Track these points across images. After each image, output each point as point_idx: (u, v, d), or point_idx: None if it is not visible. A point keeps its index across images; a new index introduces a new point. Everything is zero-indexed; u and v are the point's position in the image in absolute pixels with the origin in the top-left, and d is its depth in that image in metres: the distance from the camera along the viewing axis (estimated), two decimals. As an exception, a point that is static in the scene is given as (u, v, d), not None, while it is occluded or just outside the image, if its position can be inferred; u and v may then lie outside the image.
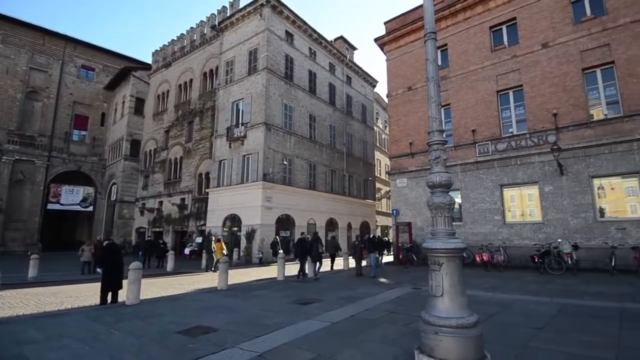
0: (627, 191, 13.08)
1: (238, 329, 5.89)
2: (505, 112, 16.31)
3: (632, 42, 13.13)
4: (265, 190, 20.70)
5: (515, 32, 16.33)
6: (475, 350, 3.59)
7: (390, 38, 20.62)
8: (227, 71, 24.68)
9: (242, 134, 22.20)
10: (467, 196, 16.48)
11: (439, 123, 4.37)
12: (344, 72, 30.62)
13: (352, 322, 6.31)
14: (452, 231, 4.08)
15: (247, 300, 8.61)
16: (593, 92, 14.13)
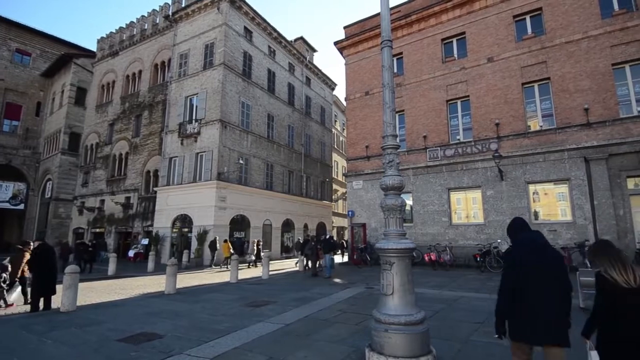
0: (558, 196, 14.48)
1: (186, 334, 5.64)
2: (453, 120, 17.32)
3: (566, 60, 14.59)
4: (219, 190, 20.07)
5: (464, 45, 17.41)
6: (422, 346, 3.76)
7: (349, 43, 21.02)
8: (181, 64, 23.62)
9: (195, 130, 21.34)
10: (418, 199, 17.25)
11: (393, 128, 4.52)
12: (304, 73, 30.67)
13: (305, 322, 6.31)
14: (403, 232, 4.23)
15: (197, 304, 8.27)
16: (531, 105, 15.47)
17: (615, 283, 2.55)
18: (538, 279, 2.79)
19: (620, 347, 2.48)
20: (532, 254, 2.88)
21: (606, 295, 2.60)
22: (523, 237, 3.11)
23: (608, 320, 2.58)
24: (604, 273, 2.65)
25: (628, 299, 2.49)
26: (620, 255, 2.68)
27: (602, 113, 13.63)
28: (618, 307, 2.53)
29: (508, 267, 2.98)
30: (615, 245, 2.84)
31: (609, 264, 2.65)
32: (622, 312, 2.51)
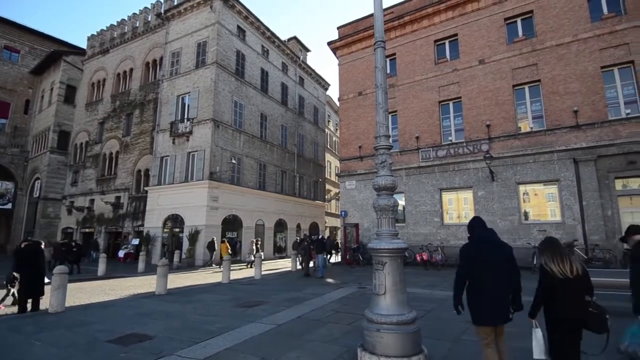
0: (547, 197, 14.68)
1: (177, 335, 5.58)
2: (445, 121, 17.45)
3: (557, 63, 14.80)
4: (211, 190, 19.92)
5: (456, 47, 17.56)
6: (413, 345, 3.77)
7: (343, 43, 21.05)
8: (173, 62, 23.40)
9: (187, 129, 21.16)
10: (410, 199, 17.34)
11: (385, 129, 4.54)
12: (297, 73, 30.62)
13: (298, 323, 6.30)
14: (395, 232, 4.25)
15: (188, 305, 8.20)
16: (521, 106, 15.66)
17: (553, 274, 3.14)
18: (492, 272, 3.27)
19: (558, 325, 3.13)
20: (487, 250, 3.37)
21: (546, 283, 3.19)
22: (479, 235, 3.59)
23: (548, 304, 3.19)
24: (544, 265, 3.23)
25: (563, 286, 3.09)
26: (561, 251, 3.23)
27: (591, 115, 13.86)
28: (555, 293, 3.13)
29: (464, 260, 3.45)
30: (560, 243, 3.37)
31: (550, 257, 3.22)
32: (558, 297, 3.12)
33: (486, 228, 3.67)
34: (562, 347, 3.16)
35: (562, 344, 3.15)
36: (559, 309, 3.11)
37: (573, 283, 3.09)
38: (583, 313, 3.09)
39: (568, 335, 3.12)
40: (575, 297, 3.09)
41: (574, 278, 3.10)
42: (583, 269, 3.15)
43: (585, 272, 3.16)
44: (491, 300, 3.26)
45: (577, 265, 3.13)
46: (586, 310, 3.10)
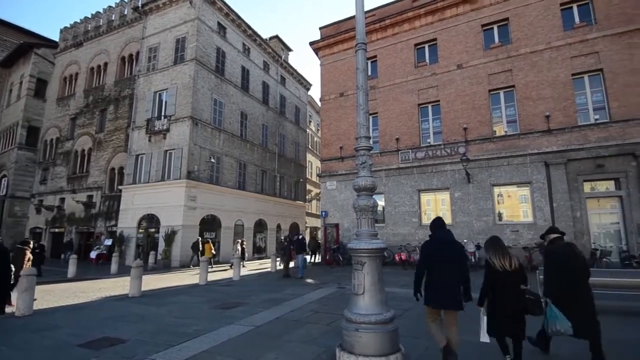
0: (520, 198, 15.21)
1: (151, 338, 5.42)
2: (424, 123, 17.78)
3: (530, 69, 15.35)
4: (189, 189, 19.50)
5: (435, 51, 17.93)
6: (391, 345, 3.81)
7: (325, 44, 21.09)
8: (150, 58, 22.77)
9: (164, 127, 20.63)
10: (390, 200, 17.56)
11: (366, 130, 4.56)
12: (279, 72, 30.44)
13: (276, 324, 6.25)
14: (374, 232, 4.28)
15: (163, 307, 7.99)
16: (497, 111, 16.16)
17: (495, 267, 3.80)
18: (444, 265, 3.90)
19: (500, 312, 3.75)
20: (442, 248, 3.99)
21: (490, 275, 3.85)
22: (438, 234, 4.17)
23: (492, 293, 3.83)
24: (488, 260, 3.89)
25: (503, 279, 3.76)
26: (502, 248, 3.92)
27: (561, 120, 14.46)
28: (497, 284, 3.78)
29: (424, 255, 4.07)
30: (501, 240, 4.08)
31: (493, 253, 3.89)
32: (499, 288, 3.77)
33: (444, 228, 4.24)
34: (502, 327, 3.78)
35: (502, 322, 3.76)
36: (500, 298, 3.76)
37: (512, 275, 3.77)
38: (521, 300, 3.74)
39: (509, 319, 3.73)
40: (513, 287, 3.76)
41: (512, 271, 3.77)
42: (520, 264, 3.87)
43: (521, 266, 3.88)
44: (440, 289, 3.88)
45: (515, 261, 3.83)
46: (523, 298, 3.76)
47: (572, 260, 4.07)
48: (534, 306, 3.78)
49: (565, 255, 4.12)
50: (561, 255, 4.15)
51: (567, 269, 4.01)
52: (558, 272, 4.04)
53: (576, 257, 4.13)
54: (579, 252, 4.26)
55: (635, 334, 5.24)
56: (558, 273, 4.03)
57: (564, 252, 4.19)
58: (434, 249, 4.01)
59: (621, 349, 4.56)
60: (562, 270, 4.02)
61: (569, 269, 4.01)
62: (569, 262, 4.03)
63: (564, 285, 3.94)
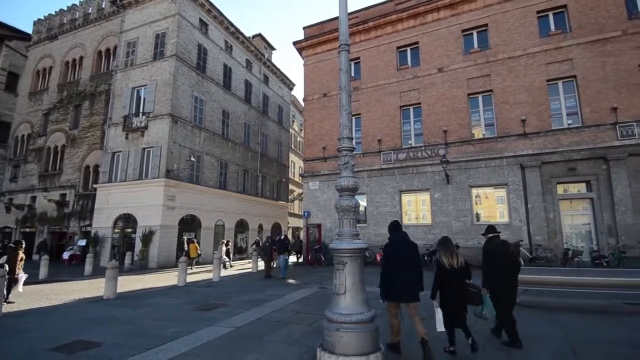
0: (497, 200, 15.64)
1: (127, 341, 5.27)
2: (406, 125, 18.03)
3: (507, 75, 15.82)
4: (168, 188, 19.05)
5: (417, 55, 18.21)
6: (371, 343, 3.84)
7: (308, 44, 21.06)
8: (128, 53, 22.12)
9: (142, 124, 20.09)
10: (372, 200, 17.71)
11: (348, 131, 4.58)
12: (262, 70, 30.18)
13: (257, 324, 6.19)
14: (356, 232, 4.30)
15: (140, 309, 7.77)
16: (475, 114, 16.57)
17: (444, 265, 4.42)
18: (402, 264, 4.36)
19: (448, 304, 4.37)
20: (401, 249, 4.45)
21: (440, 272, 4.46)
22: (396, 235, 4.66)
23: (442, 288, 4.42)
24: (439, 258, 4.49)
25: (450, 275, 4.39)
26: (451, 248, 4.49)
27: (536, 124, 14.97)
28: (445, 280, 4.40)
29: (385, 256, 4.50)
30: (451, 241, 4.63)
31: (442, 252, 4.48)
32: (447, 283, 4.40)
33: (401, 230, 4.78)
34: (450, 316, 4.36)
35: (450, 313, 4.35)
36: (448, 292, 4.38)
37: (457, 272, 4.39)
38: (464, 293, 4.44)
39: (455, 309, 4.35)
40: (458, 281, 4.41)
41: (458, 268, 4.40)
42: (465, 262, 4.49)
43: (466, 264, 4.50)
44: (399, 285, 4.35)
45: (460, 259, 4.45)
46: (466, 291, 4.46)
47: (504, 256, 4.84)
48: (474, 297, 4.48)
49: (499, 252, 4.89)
50: (495, 252, 4.92)
51: (496, 263, 4.79)
52: (490, 265, 4.81)
53: (508, 254, 4.92)
54: (511, 249, 5.08)
55: (608, 331, 5.47)
56: (490, 266, 4.80)
57: (497, 250, 4.94)
58: (393, 251, 4.42)
59: (593, 345, 4.75)
60: (493, 263, 4.81)
61: (501, 264, 4.78)
62: (502, 258, 4.80)
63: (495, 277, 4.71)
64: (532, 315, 6.42)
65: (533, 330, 5.50)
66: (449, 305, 4.37)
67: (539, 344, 4.80)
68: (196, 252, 17.67)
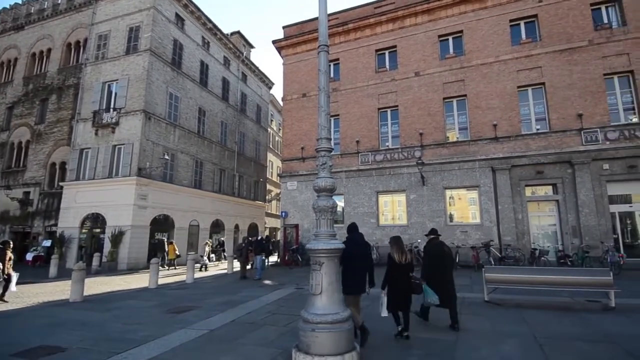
0: (469, 201, 16.12)
1: (94, 346, 5.05)
2: (383, 127, 18.28)
3: (481, 80, 16.34)
4: (139, 187, 18.42)
5: (395, 58, 18.51)
6: (347, 343, 3.85)
7: (288, 43, 20.96)
8: (99, 46, 21.26)
9: (113, 120, 19.34)
10: (349, 200, 17.83)
11: (327, 131, 4.59)
12: (240, 68, 29.76)
13: (231, 327, 6.08)
14: (333, 233, 4.31)
15: (108, 312, 7.47)
16: (450, 118, 17.01)
17: (394, 260, 5.22)
18: (356, 261, 4.86)
19: (395, 294, 5.14)
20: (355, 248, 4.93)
21: (390, 267, 5.26)
22: (354, 235, 5.21)
23: (391, 281, 5.20)
24: (390, 254, 5.29)
25: (398, 268, 5.21)
26: (401, 246, 5.28)
27: (507, 129, 15.55)
28: (394, 273, 5.21)
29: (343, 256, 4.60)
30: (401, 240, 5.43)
31: (394, 250, 5.26)
32: (396, 276, 5.21)
33: (357, 232, 5.30)
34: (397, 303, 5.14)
35: (397, 301, 5.14)
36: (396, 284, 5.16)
37: (405, 266, 5.24)
38: (409, 284, 5.28)
39: (401, 297, 5.14)
40: (405, 275, 5.25)
41: (405, 264, 5.23)
42: (411, 258, 5.33)
43: (412, 260, 5.35)
44: (354, 280, 4.80)
45: (408, 256, 5.27)
46: (411, 282, 5.32)
47: (441, 254, 5.87)
48: (417, 288, 5.42)
49: (437, 251, 5.92)
50: (434, 250, 5.95)
51: (437, 261, 5.81)
52: (431, 263, 5.86)
53: (444, 252, 5.91)
54: (447, 248, 6.02)
55: (571, 327, 5.73)
56: (431, 263, 5.86)
57: (436, 249, 5.95)
58: (350, 249, 4.75)
59: (558, 341, 4.96)
60: (434, 261, 5.83)
61: (439, 261, 5.81)
62: (439, 256, 5.84)
63: (435, 272, 5.73)
64: (502, 313, 6.64)
65: (503, 326, 5.70)
66: (396, 293, 5.15)
67: (508, 340, 4.97)
68: (175, 253, 17.67)
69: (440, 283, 5.59)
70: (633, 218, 14.08)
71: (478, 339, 5.05)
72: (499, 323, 5.92)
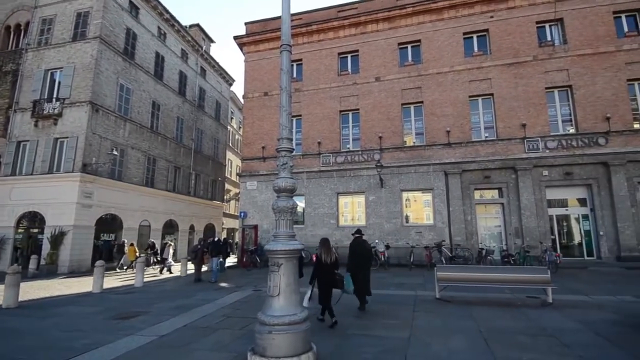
0: (424, 203, 16.83)
1: (30, 356, 4.62)
2: (345, 129, 18.56)
3: (436, 88, 17.12)
4: (84, 184, 17.09)
5: (357, 62, 18.86)
6: (303, 344, 3.84)
7: (250, 40, 20.59)
8: (43, 30, 19.49)
9: (56, 111, 17.80)
10: (310, 201, 17.87)
11: (288, 131, 4.56)
12: (199, 63, 28.70)
13: (183, 332, 5.82)
14: (292, 233, 4.28)
15: (46, 319, 6.85)
16: (407, 123, 17.65)
17: (321, 259, 6.11)
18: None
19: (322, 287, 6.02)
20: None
21: (317, 265, 6.16)
22: None
23: (319, 277, 6.07)
24: (318, 254, 6.19)
25: (324, 268, 6.05)
26: (328, 247, 6.19)
27: (459, 136, 16.44)
28: (320, 270, 6.07)
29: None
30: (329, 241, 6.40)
31: (323, 251, 6.17)
32: (322, 273, 6.07)
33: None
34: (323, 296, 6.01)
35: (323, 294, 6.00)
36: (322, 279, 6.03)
37: (330, 266, 6.10)
38: (333, 279, 6.19)
39: (325, 289, 6.01)
40: (330, 271, 6.11)
41: (330, 263, 6.11)
42: (335, 258, 6.24)
43: (336, 259, 6.27)
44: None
45: (333, 256, 6.18)
46: (335, 277, 6.22)
47: (361, 251, 7.08)
48: (339, 283, 6.30)
49: (358, 247, 7.12)
50: (356, 247, 7.14)
51: (358, 256, 7.01)
52: (353, 257, 6.98)
53: (363, 248, 7.17)
54: (367, 245, 7.40)
55: (513, 322, 6.15)
56: (353, 258, 6.98)
57: (357, 245, 7.17)
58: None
59: (501, 335, 5.30)
60: (355, 256, 7.00)
61: (359, 255, 7.02)
62: (359, 252, 7.05)
63: (357, 265, 6.88)
64: (452, 309, 6.99)
65: (452, 322, 5.99)
66: (322, 287, 6.00)
67: (457, 335, 5.24)
68: (135, 254, 16.82)
69: (360, 274, 6.83)
70: (569, 221, 15.53)
71: (429, 336, 5.26)
72: (448, 319, 6.22)
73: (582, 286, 9.43)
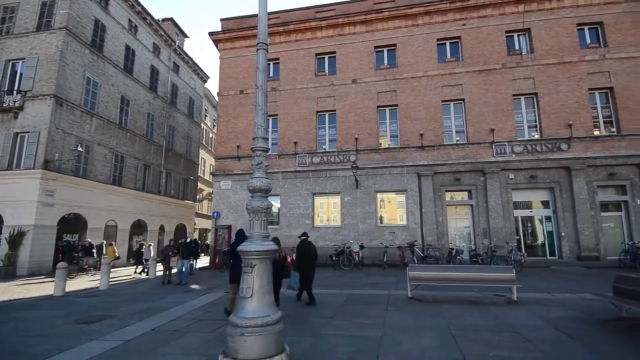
0: (398, 204, 17.15)
1: (-24, 368, 4.27)
2: (321, 130, 18.61)
3: (410, 92, 17.50)
4: (46, 182, 16.18)
5: (334, 64, 18.97)
6: (276, 345, 3.80)
7: (226, 37, 20.23)
8: (4, 19, 18.28)
9: (17, 104, 16.75)
10: (285, 202, 17.78)
11: (263, 131, 4.51)
12: (171, 58, 27.87)
13: (151, 336, 5.62)
14: (266, 234, 4.24)
15: (4, 324, 6.44)
16: (382, 125, 17.94)
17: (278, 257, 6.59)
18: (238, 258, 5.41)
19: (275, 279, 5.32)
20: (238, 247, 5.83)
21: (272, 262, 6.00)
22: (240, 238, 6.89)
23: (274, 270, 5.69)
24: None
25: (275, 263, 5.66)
26: (278, 245, 6.20)
27: (432, 139, 16.89)
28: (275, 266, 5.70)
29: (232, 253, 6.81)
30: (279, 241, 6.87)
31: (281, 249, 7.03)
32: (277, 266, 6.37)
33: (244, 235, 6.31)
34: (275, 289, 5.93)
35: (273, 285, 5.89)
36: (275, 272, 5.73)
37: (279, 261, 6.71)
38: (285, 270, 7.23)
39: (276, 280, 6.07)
40: (279, 266, 6.62)
41: (279, 260, 6.65)
42: (285, 255, 7.45)
43: (285, 256, 7.54)
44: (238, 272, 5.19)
45: (282, 253, 7.13)
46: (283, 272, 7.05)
47: (307, 251, 7.96)
48: (288, 273, 7.32)
49: (304, 248, 8.02)
50: (303, 248, 8.02)
51: (304, 256, 7.90)
52: (300, 257, 7.86)
53: (309, 249, 8.03)
54: (312, 246, 8.17)
55: (480, 320, 6.36)
56: (300, 257, 7.86)
57: (304, 246, 8.05)
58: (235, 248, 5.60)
59: (469, 332, 5.48)
60: (302, 256, 7.89)
61: (305, 255, 7.90)
62: (306, 252, 7.95)
63: (303, 264, 7.76)
64: (423, 308, 7.15)
65: (423, 321, 6.13)
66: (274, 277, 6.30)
67: (428, 333, 5.37)
68: (114, 254, 16.78)
69: (306, 272, 7.69)
70: (533, 222, 16.31)
71: (401, 334, 5.36)
72: (420, 318, 6.36)
73: (545, 284, 9.93)
